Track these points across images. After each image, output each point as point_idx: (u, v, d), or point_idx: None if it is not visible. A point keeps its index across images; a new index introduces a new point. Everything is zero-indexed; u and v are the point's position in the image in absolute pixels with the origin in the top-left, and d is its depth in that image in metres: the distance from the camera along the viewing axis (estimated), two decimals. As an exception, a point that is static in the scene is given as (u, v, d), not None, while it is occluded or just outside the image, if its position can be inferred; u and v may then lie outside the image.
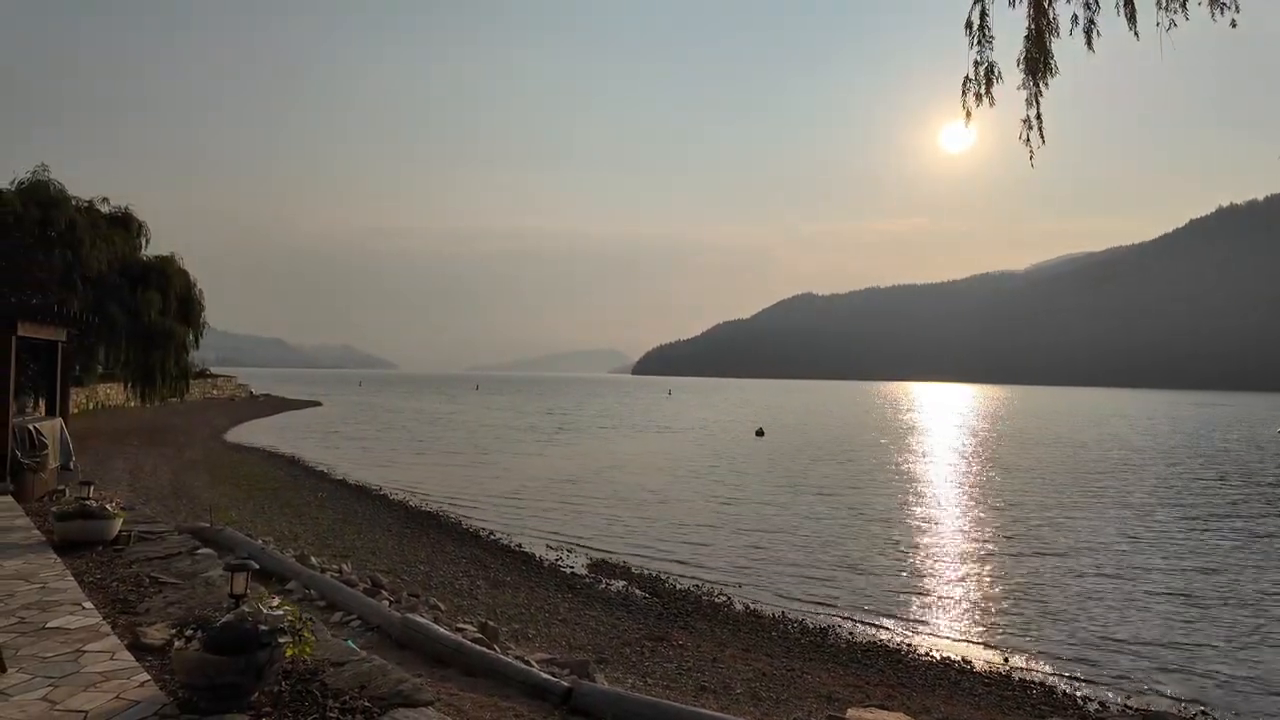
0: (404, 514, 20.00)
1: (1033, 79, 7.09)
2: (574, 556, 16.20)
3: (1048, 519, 21.30)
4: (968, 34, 7.18)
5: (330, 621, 8.01)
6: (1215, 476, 31.62)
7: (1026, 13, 7.19)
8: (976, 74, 7.19)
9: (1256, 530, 20.15)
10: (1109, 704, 9.25)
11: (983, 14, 7.05)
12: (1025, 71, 7.10)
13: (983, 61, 7.15)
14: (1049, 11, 7.10)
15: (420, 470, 29.64)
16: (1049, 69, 7.04)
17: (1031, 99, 7.07)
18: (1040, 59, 7.09)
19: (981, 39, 7.13)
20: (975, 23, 7.11)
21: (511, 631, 10.40)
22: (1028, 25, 7.09)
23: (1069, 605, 13.25)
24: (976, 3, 7.02)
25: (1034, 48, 7.06)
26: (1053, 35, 7.09)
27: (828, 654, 10.73)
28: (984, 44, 7.11)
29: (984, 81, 7.19)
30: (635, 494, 24.83)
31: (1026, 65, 7.09)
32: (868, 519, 21.15)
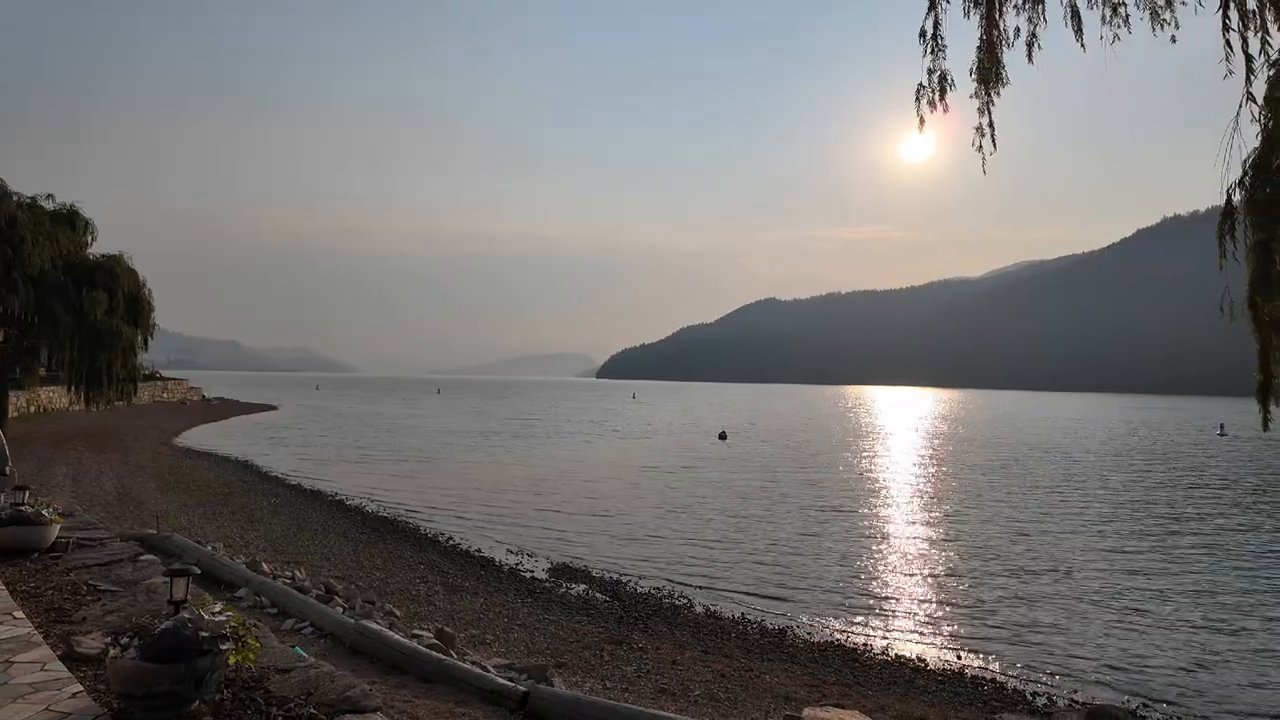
0: (360, 520, 19.64)
1: (984, 88, 7.26)
2: (534, 561, 16.09)
3: (1000, 521, 21.79)
4: (921, 43, 7.32)
5: (281, 629, 7.82)
6: (1161, 477, 32.72)
7: (979, 23, 7.35)
8: (930, 82, 7.34)
9: (1201, 529, 20.89)
10: (1056, 699, 9.49)
11: (936, 24, 7.20)
12: (977, 81, 7.27)
13: (936, 70, 7.29)
14: (1000, 23, 7.28)
15: (377, 475, 29.16)
16: (1000, 79, 7.21)
17: (984, 107, 7.23)
18: (992, 69, 7.26)
19: (935, 48, 7.27)
20: (929, 32, 7.25)
21: (469, 637, 10.28)
22: (979, 36, 7.25)
23: (1019, 604, 13.57)
24: (930, 12, 7.17)
25: (986, 58, 7.23)
26: (1004, 46, 7.27)
27: (786, 654, 10.82)
28: (937, 53, 7.25)
29: (937, 89, 7.33)
30: (597, 498, 24.76)
31: (978, 75, 7.25)
32: (827, 521, 21.40)
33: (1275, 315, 6.45)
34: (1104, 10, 6.06)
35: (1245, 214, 6.31)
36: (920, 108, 7.25)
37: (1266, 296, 6.40)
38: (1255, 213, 6.03)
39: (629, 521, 20.68)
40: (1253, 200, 6.07)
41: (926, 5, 7.02)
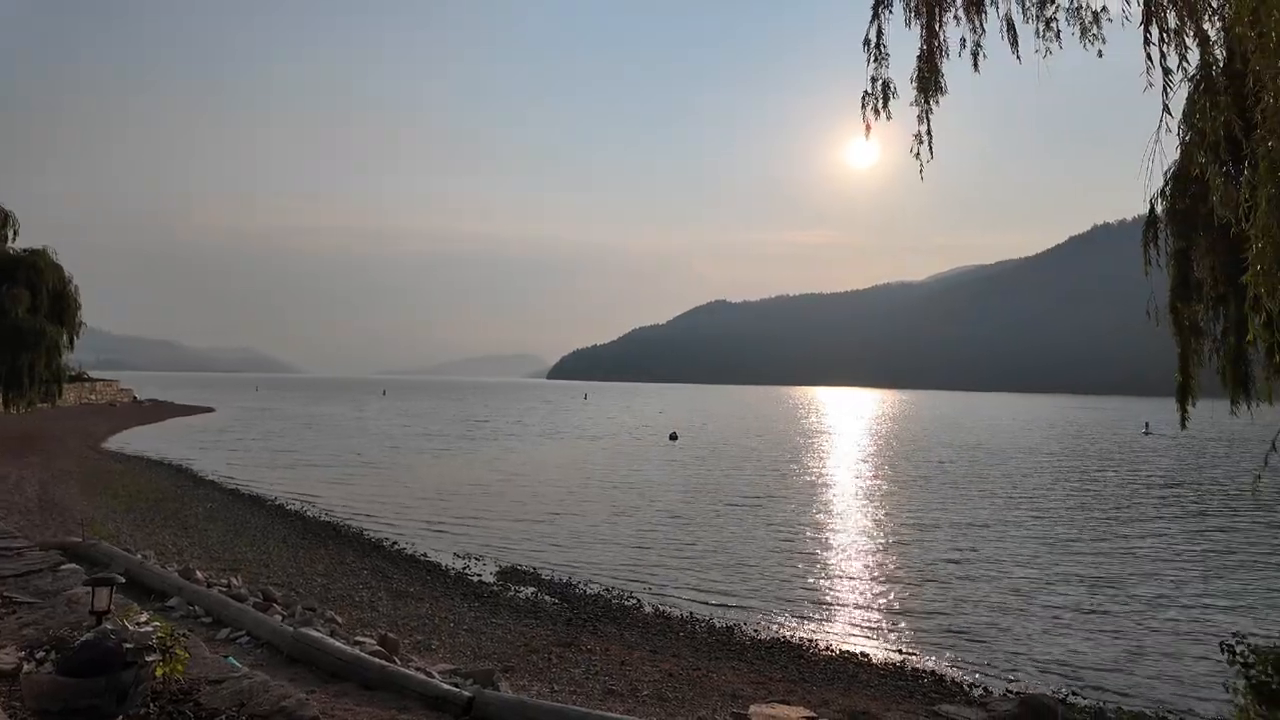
0: (301, 525, 19.10)
1: (924, 96, 7.44)
2: (482, 565, 15.89)
3: (940, 519, 22.41)
4: (865, 51, 7.47)
5: (215, 639, 7.55)
6: (1093, 475, 34.11)
7: (919, 34, 7.54)
8: (874, 89, 7.49)
9: (1128, 525, 21.85)
10: (992, 689, 9.81)
11: (879, 33, 7.35)
12: (917, 89, 7.45)
13: (879, 78, 7.45)
14: (939, 34, 7.47)
15: (320, 479, 28.41)
16: (939, 88, 7.40)
17: (923, 115, 7.41)
18: (931, 78, 7.44)
19: (878, 56, 7.43)
20: (872, 40, 7.40)
21: (414, 643, 10.09)
22: (920, 46, 7.44)
23: (959, 600, 13.98)
24: (873, 21, 7.32)
25: (925, 67, 7.41)
26: (943, 57, 7.46)
27: (733, 652, 10.92)
28: (880, 61, 7.41)
29: (881, 97, 7.48)
30: (547, 500, 24.60)
31: (918, 84, 7.43)
32: (775, 520, 21.68)
33: (1194, 319, 6.78)
34: (1038, 25, 6.27)
35: (1167, 223, 6.61)
36: (865, 115, 7.39)
37: (1186, 301, 6.72)
38: (1175, 222, 6.33)
39: (579, 524, 20.60)
40: (1173, 210, 6.37)
41: (870, 14, 7.16)
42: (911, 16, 6.68)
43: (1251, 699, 4.46)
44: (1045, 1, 6.12)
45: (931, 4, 6.54)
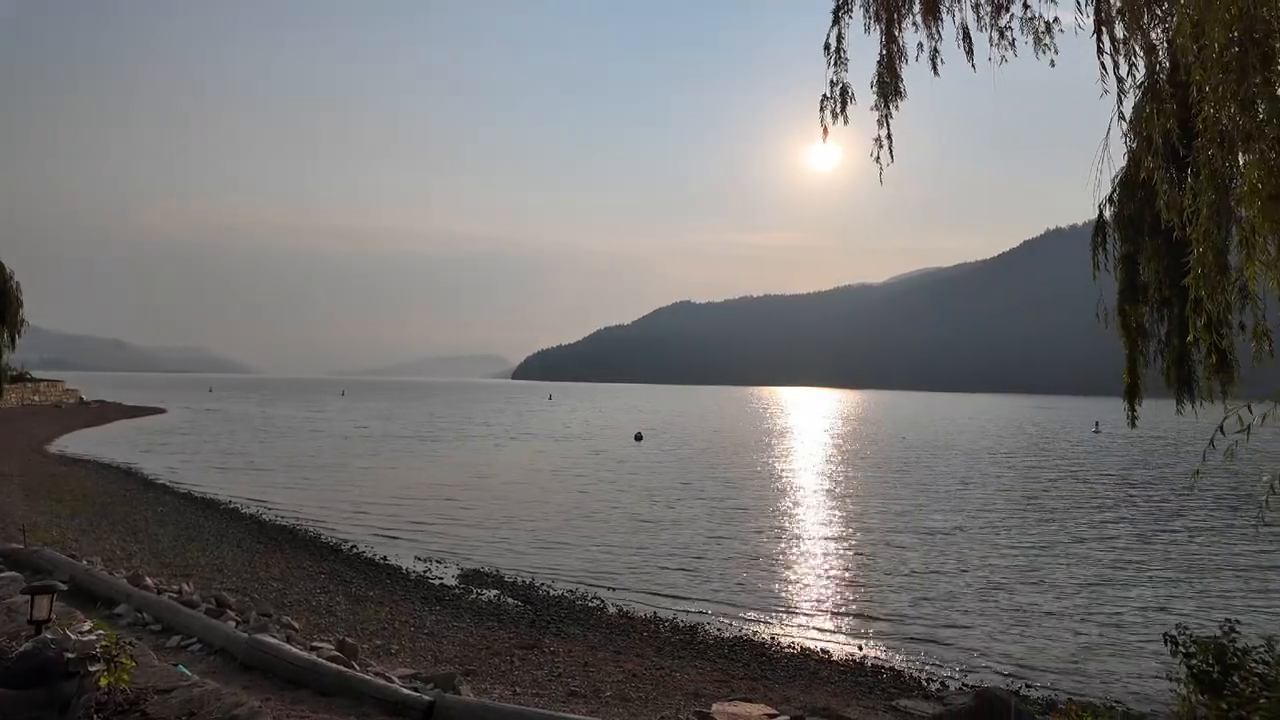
0: (256, 528, 18.66)
1: (884, 101, 7.55)
2: (443, 568, 15.70)
3: (899, 517, 22.81)
4: (826, 55, 7.56)
5: (165, 647, 7.34)
6: (1047, 473, 35.04)
7: (879, 39, 7.66)
8: (833, 93, 7.58)
9: (1080, 522, 22.49)
10: (948, 683, 10.02)
11: (839, 37, 7.45)
12: (877, 94, 7.56)
13: (839, 82, 7.54)
14: (899, 39, 7.60)
15: (275, 482, 27.80)
16: (898, 93, 7.52)
17: (882, 120, 7.52)
18: (890, 83, 7.57)
19: (838, 61, 7.52)
20: (833, 45, 7.50)
21: (373, 648, 9.93)
22: (879, 51, 7.55)
23: (917, 597, 14.24)
24: (834, 26, 7.41)
25: (885, 72, 7.53)
26: (902, 62, 7.59)
27: (696, 651, 10.97)
28: (840, 65, 7.51)
29: (839, 101, 7.58)
30: (511, 502, 24.42)
31: (878, 89, 7.55)
32: (738, 521, 21.84)
33: (1140, 321, 6.99)
34: (992, 33, 6.41)
35: (1114, 228, 6.80)
36: (824, 118, 7.48)
37: (1133, 304, 6.93)
38: (1122, 227, 6.51)
39: (542, 526, 20.49)
40: (1120, 216, 6.56)
41: (831, 19, 7.25)
42: (871, 22, 6.78)
43: (1193, 687, 4.62)
44: (999, 10, 6.26)
45: (890, 10, 6.64)
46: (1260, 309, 4.53)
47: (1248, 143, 3.84)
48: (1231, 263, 4.58)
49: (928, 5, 6.53)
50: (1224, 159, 4.10)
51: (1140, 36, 5.75)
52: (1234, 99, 3.85)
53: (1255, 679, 4.44)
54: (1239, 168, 4.01)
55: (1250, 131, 3.77)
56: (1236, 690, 4.43)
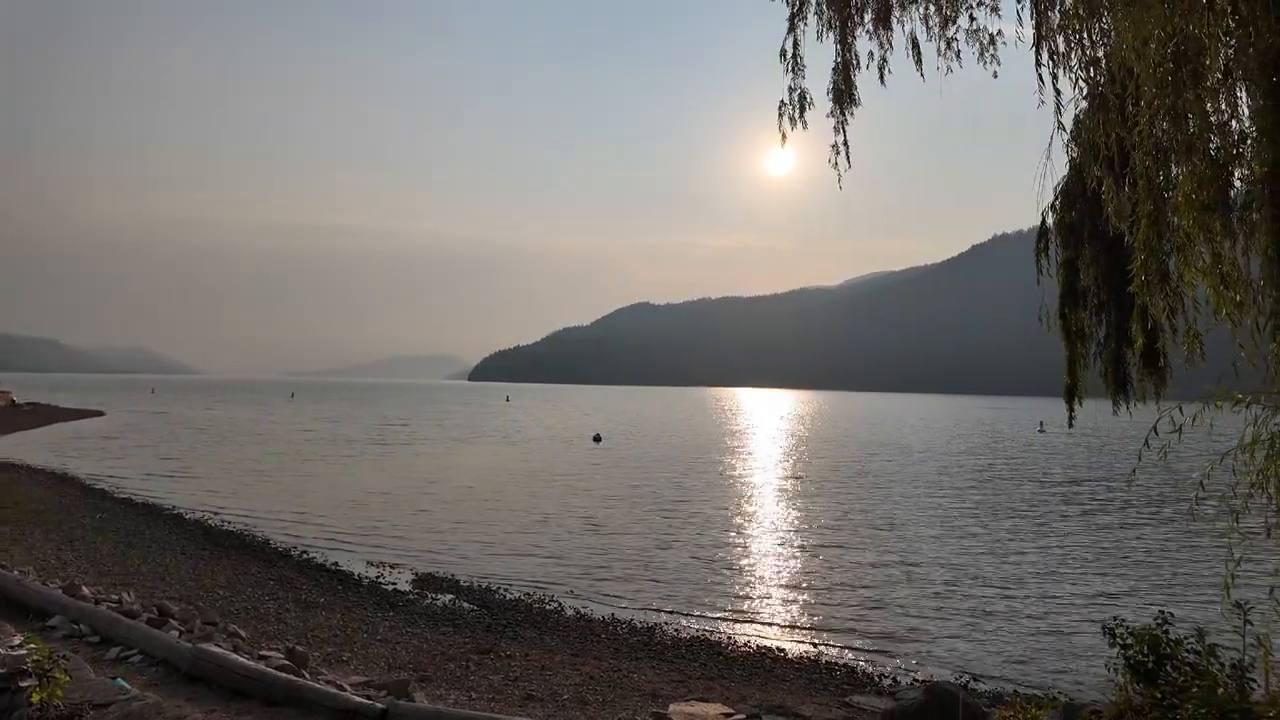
0: (202, 535, 18.11)
1: (839, 108, 7.69)
2: (397, 573, 15.44)
3: (853, 516, 23.24)
4: (782, 62, 7.66)
5: (103, 659, 7.06)
6: (994, 472, 36.07)
7: (834, 46, 7.80)
8: (791, 99, 7.69)
9: (1026, 519, 23.21)
10: (900, 678, 10.24)
11: (795, 44, 7.55)
12: (833, 101, 7.69)
13: (796, 88, 7.65)
14: (853, 47, 7.74)
15: (222, 487, 27.00)
16: (853, 100, 7.66)
17: (838, 126, 7.66)
18: (845, 90, 7.70)
19: (795, 67, 7.63)
20: (789, 52, 7.60)
21: (324, 655, 9.70)
22: (834, 59, 7.69)
23: (869, 596, 14.52)
24: (790, 33, 7.52)
25: (840, 79, 7.67)
26: (856, 69, 7.74)
27: (654, 652, 11.00)
28: (797, 72, 7.61)
29: (797, 107, 7.69)
30: (466, 506, 24.16)
31: (833, 95, 7.68)
32: (697, 521, 21.97)
33: (1080, 325, 7.24)
34: (939, 44, 6.57)
35: (1056, 235, 7.04)
36: (782, 124, 7.57)
37: (1073, 308, 7.17)
38: (1064, 234, 6.75)
39: (499, 529, 20.31)
40: (1062, 223, 6.80)
41: (787, 25, 7.34)
42: (825, 30, 6.89)
43: (1129, 677, 4.80)
44: (947, 22, 6.42)
45: (844, 18, 6.76)
46: (1195, 314, 4.74)
47: (1181, 155, 4.01)
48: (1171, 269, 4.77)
49: (879, 15, 6.67)
50: (1160, 170, 4.28)
51: (1080, 51, 5.96)
52: (1168, 113, 4.02)
53: (1187, 668, 4.64)
54: (1174, 179, 4.20)
55: (1183, 145, 3.94)
56: (1170, 679, 4.62)
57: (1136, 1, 3.95)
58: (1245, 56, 3.67)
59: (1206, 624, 5.38)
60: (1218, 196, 3.76)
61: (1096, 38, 5.69)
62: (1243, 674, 4.56)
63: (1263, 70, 3.50)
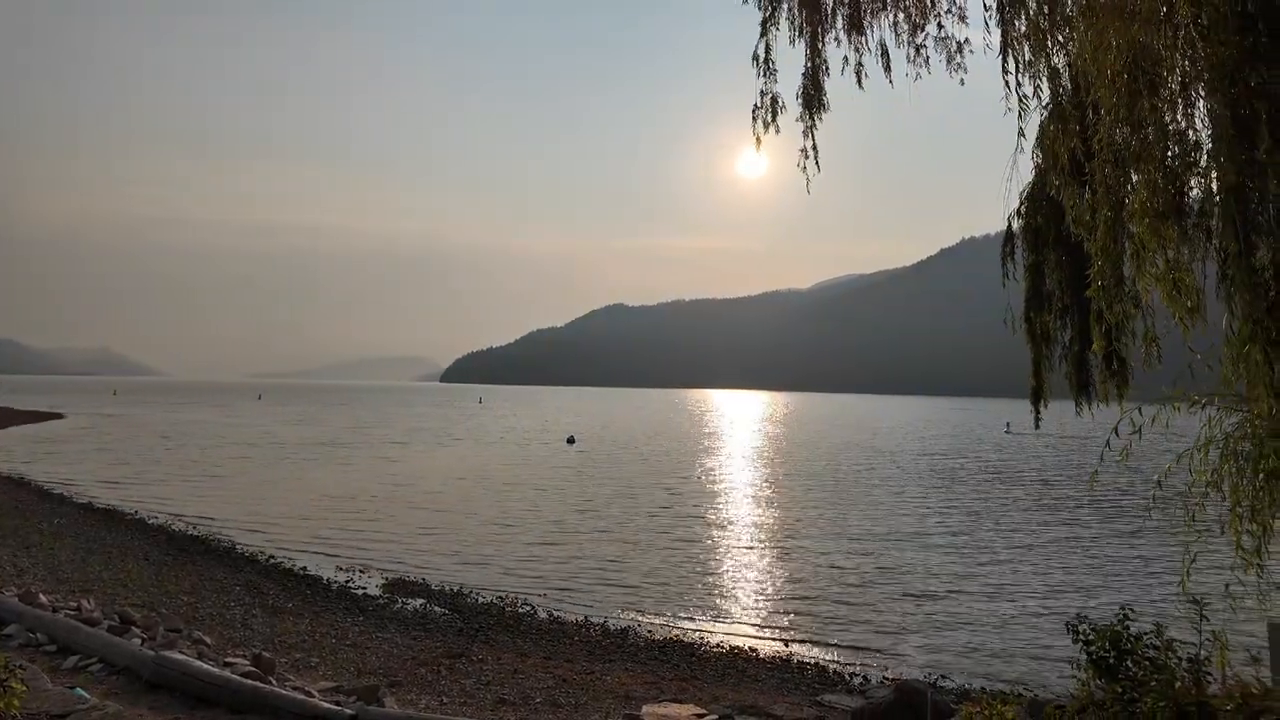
0: (165, 540, 17.71)
1: (809, 113, 7.76)
2: (367, 577, 15.25)
3: (826, 517, 23.45)
4: (755, 66, 7.72)
5: (61, 669, 6.89)
6: (964, 472, 36.62)
7: (805, 52, 7.87)
8: (763, 103, 7.75)
9: (995, 518, 23.60)
10: (870, 677, 10.35)
11: (767, 49, 7.61)
12: (802, 106, 7.77)
13: (768, 92, 7.71)
14: (822, 53, 7.82)
15: (186, 491, 26.43)
16: (822, 105, 7.74)
17: (808, 131, 7.73)
18: (815, 95, 7.78)
19: (767, 72, 7.69)
20: (761, 56, 7.66)
21: (292, 661, 9.55)
22: (805, 64, 7.76)
23: (841, 594, 14.66)
24: (762, 37, 7.58)
25: (810, 84, 7.74)
26: (825, 75, 7.81)
27: (627, 654, 11.00)
28: (769, 76, 7.68)
29: (770, 111, 7.75)
30: (438, 509, 23.93)
31: (803, 100, 7.75)
32: (671, 522, 22.01)
33: (1045, 328, 7.39)
34: (909, 50, 6.68)
35: (1022, 240, 7.18)
36: (756, 127, 7.63)
37: (1038, 311, 7.32)
38: (1029, 239, 6.89)
39: (472, 532, 20.15)
40: (1027, 228, 6.94)
41: (759, 30, 7.40)
42: (796, 35, 6.97)
43: (1091, 672, 4.91)
44: (916, 29, 6.52)
45: (815, 24, 6.84)
46: (1150, 318, 4.87)
47: (1138, 163, 4.12)
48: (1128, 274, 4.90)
49: (850, 21, 6.75)
50: (1118, 178, 4.39)
51: (1044, 60, 6.09)
52: (1126, 122, 4.12)
53: (1146, 663, 4.75)
54: (1132, 186, 4.31)
55: (1140, 153, 4.04)
56: (1130, 674, 4.73)
57: (1097, 12, 4.05)
58: (1205, 68, 3.78)
59: (1166, 619, 5.52)
60: (1173, 204, 3.87)
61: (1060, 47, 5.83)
62: (1199, 668, 4.68)
63: (1221, 81, 3.61)
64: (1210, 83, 3.66)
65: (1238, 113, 3.39)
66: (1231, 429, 3.98)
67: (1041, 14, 5.55)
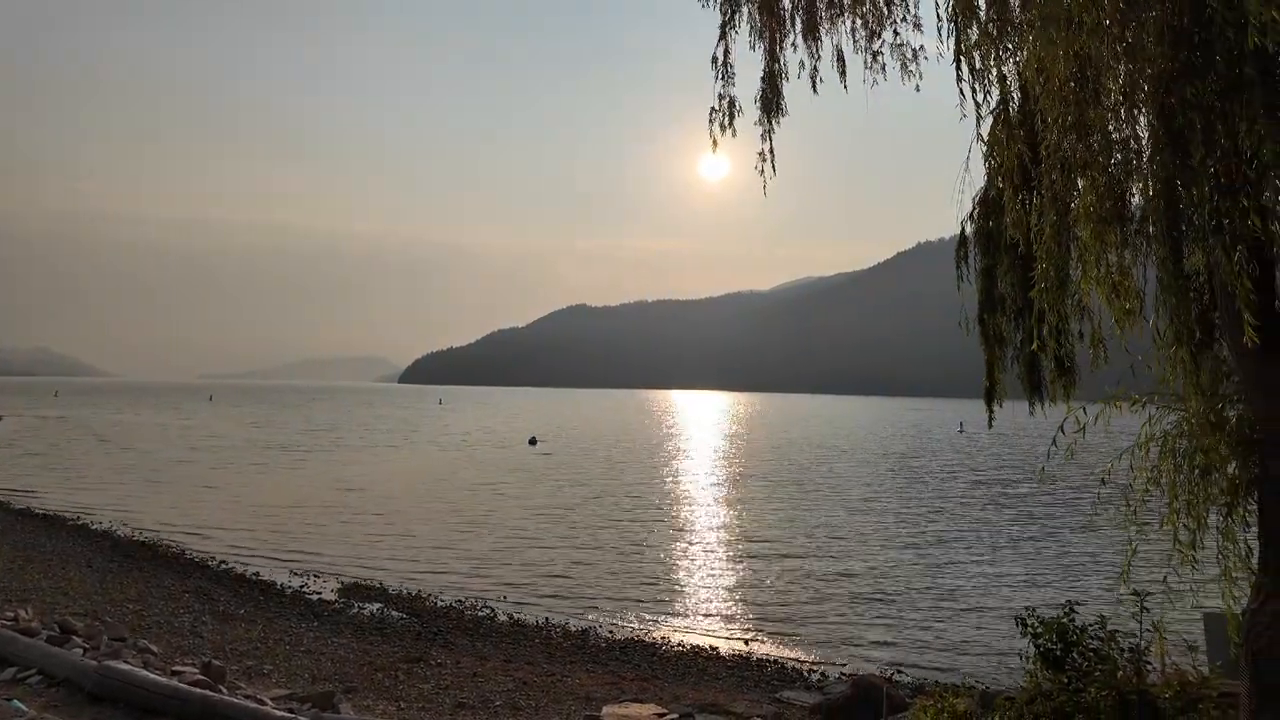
0: (110, 546, 17.15)
1: (767, 117, 7.83)
2: (322, 582, 14.96)
3: (784, 516, 23.73)
4: (714, 68, 7.77)
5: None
6: (920, 471, 37.36)
7: (763, 56, 7.95)
8: (721, 106, 7.79)
9: (949, 517, 24.13)
10: (828, 674, 10.51)
11: (726, 52, 7.66)
12: (761, 110, 7.84)
13: (726, 95, 7.76)
14: (780, 57, 7.90)
15: (134, 495, 25.62)
16: (780, 109, 7.82)
17: (766, 135, 7.80)
18: (773, 99, 7.86)
19: (725, 75, 7.74)
20: (720, 59, 7.71)
21: (244, 669, 9.31)
22: (763, 68, 7.84)
23: (800, 593, 14.87)
24: (721, 40, 7.63)
25: (768, 88, 7.82)
26: (784, 80, 7.90)
27: (589, 655, 10.98)
28: (727, 79, 7.73)
29: (727, 114, 7.80)
30: (396, 512, 23.59)
31: (762, 104, 7.83)
32: (630, 522, 22.04)
33: (998, 329, 7.57)
34: (865, 56, 6.78)
35: (975, 243, 7.35)
36: (713, 130, 7.66)
37: (991, 313, 7.50)
38: (981, 243, 7.05)
39: (431, 536, 19.90)
40: (980, 232, 7.10)
41: (718, 32, 7.45)
42: (755, 39, 7.02)
43: (1039, 664, 5.07)
44: (873, 36, 6.63)
45: (774, 29, 6.90)
46: (1095, 320, 5.03)
47: (1083, 169, 4.25)
48: (1073, 276, 5.05)
49: (807, 26, 6.83)
50: (1064, 183, 4.53)
51: (995, 68, 6.24)
52: (1072, 129, 4.25)
53: (1091, 654, 4.92)
54: (1077, 191, 4.44)
55: (1085, 159, 4.17)
56: (1075, 665, 4.89)
57: (1044, 22, 4.17)
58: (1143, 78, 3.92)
59: (1110, 612, 5.71)
60: (1115, 209, 4.00)
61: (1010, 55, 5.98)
62: (1139, 657, 4.86)
63: (1157, 92, 3.75)
64: (1148, 94, 3.79)
65: (1171, 123, 3.52)
66: (1169, 427, 4.14)
67: (992, 22, 5.69)
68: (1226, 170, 3.37)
